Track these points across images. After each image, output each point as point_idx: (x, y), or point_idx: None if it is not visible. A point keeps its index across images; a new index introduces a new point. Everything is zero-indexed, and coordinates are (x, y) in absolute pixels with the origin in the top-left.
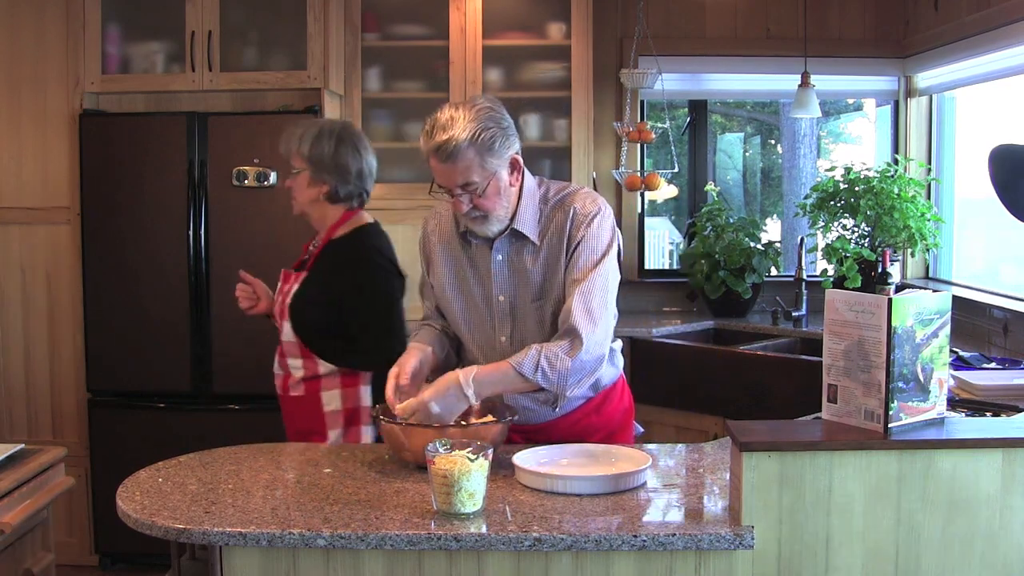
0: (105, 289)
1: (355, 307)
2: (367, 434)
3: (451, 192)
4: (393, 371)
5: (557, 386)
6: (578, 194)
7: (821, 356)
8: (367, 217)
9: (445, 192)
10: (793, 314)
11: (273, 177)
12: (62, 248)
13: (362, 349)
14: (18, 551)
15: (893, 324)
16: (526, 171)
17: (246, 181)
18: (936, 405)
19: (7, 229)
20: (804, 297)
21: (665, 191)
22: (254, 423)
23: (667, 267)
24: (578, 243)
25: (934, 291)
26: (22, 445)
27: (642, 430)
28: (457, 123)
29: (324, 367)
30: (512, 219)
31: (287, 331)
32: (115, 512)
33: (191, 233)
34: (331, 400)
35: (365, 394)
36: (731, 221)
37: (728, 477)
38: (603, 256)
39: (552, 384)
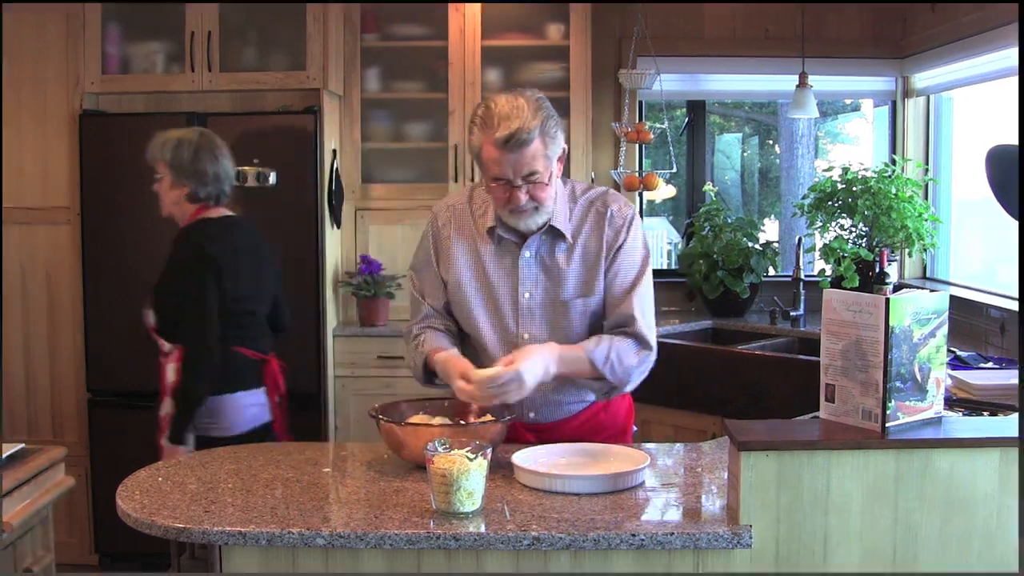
0: (105, 289)
1: (175, 291)
2: (167, 405)
3: (512, 183)
4: (462, 380)
5: (620, 380)
6: (610, 195)
7: (819, 356)
8: (217, 213)
9: (504, 184)
10: (791, 314)
11: (273, 177)
12: (62, 248)
13: (179, 331)
14: (18, 550)
15: (891, 324)
16: None
17: (246, 182)
18: (933, 405)
19: (7, 229)
20: (802, 297)
21: (663, 191)
22: None
23: (665, 267)
24: (621, 246)
25: (931, 291)
26: (22, 445)
27: (635, 429)
28: (523, 111)
29: (167, 345)
30: None
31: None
32: (115, 511)
33: None
34: (170, 373)
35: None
36: (729, 221)
37: (726, 476)
38: (646, 260)
39: (617, 378)
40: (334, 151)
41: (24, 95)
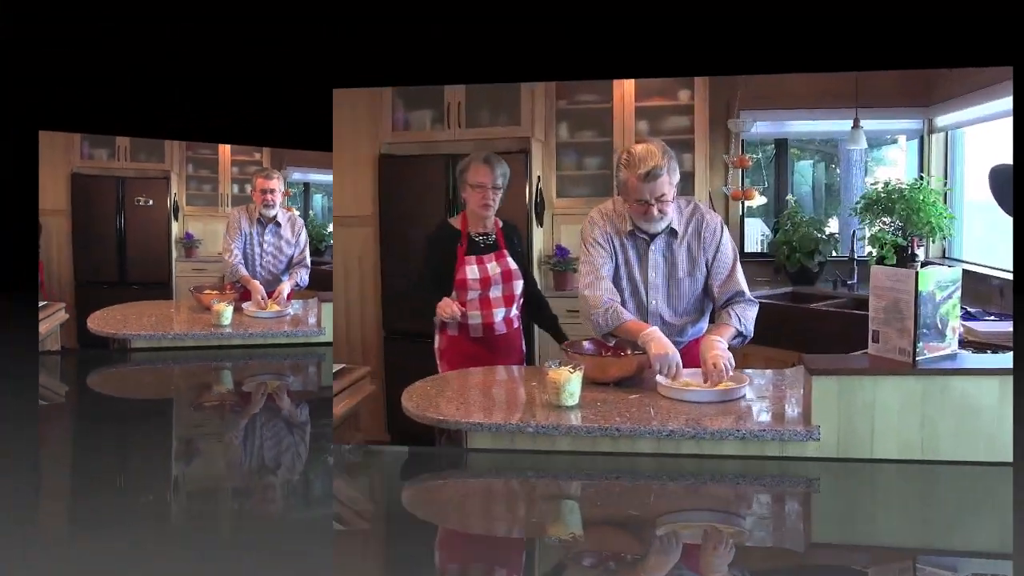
0: (394, 270)
1: None
2: None
3: (647, 202)
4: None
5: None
6: (700, 208)
7: (868, 311)
8: None
9: (641, 203)
10: (848, 282)
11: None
12: (368, 243)
13: None
14: (339, 431)
15: (919, 289)
16: None
17: None
18: (950, 345)
19: (338, 230)
20: (855, 271)
21: (758, 200)
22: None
23: (759, 251)
24: (718, 247)
25: (948, 266)
26: (344, 365)
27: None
28: (656, 155)
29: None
30: None
31: None
32: (401, 408)
33: None
34: None
35: None
36: (804, 219)
37: (802, 392)
38: (736, 254)
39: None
40: (538, 176)
41: (346, 147)
